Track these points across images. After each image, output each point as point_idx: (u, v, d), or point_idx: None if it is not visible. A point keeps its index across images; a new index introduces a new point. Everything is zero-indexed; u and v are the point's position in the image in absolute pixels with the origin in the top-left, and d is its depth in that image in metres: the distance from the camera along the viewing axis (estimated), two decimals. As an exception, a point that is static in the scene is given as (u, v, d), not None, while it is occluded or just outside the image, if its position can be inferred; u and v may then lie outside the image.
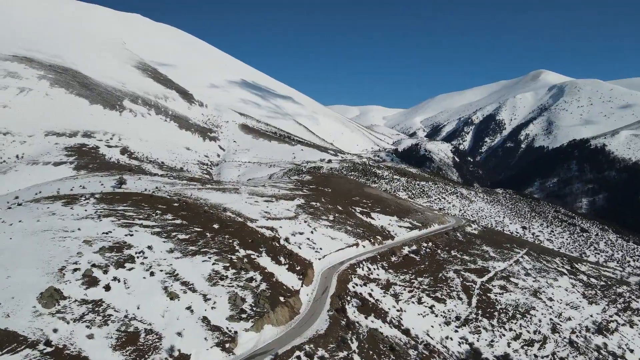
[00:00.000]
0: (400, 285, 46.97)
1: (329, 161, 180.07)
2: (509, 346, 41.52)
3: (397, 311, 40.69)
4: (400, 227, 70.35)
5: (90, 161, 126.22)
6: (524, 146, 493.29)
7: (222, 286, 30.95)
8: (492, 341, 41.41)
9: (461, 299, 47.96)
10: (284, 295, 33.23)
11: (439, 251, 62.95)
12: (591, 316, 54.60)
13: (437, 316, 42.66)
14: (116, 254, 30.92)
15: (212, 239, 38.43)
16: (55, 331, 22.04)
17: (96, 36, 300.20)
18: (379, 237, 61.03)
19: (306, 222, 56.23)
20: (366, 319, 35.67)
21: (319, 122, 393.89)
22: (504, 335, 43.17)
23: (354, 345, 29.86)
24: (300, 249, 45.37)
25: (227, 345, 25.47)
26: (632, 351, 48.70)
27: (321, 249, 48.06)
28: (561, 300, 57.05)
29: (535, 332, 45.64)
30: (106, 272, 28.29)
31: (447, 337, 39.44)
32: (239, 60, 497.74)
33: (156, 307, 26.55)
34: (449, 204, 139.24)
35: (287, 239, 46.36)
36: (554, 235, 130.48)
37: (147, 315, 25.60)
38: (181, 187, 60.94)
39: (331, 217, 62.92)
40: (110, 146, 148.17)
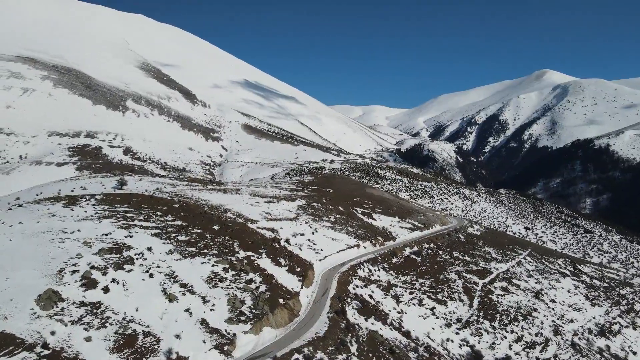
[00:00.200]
0: (401, 286, 46.77)
1: (331, 161, 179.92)
2: (511, 348, 41.28)
3: (398, 313, 40.51)
4: (401, 228, 70.11)
5: (93, 161, 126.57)
6: (527, 146, 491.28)
7: (221, 288, 30.85)
8: (494, 343, 41.18)
9: (462, 300, 47.71)
10: (283, 297, 33.11)
11: (440, 252, 62.68)
12: (594, 318, 54.24)
13: (438, 318, 42.46)
14: (115, 256, 30.89)
15: (212, 240, 38.35)
16: (52, 334, 21.98)
17: (99, 37, 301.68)
18: (380, 238, 60.83)
19: (307, 223, 56.10)
20: (366, 321, 35.50)
21: (322, 122, 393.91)
22: (506, 337, 42.91)
23: (354, 347, 29.70)
24: (300, 250, 45.25)
25: (226, 347, 25.37)
26: (635, 353, 48.34)
27: (322, 250, 47.92)
28: (564, 302, 56.69)
29: (537, 335, 45.35)
30: (105, 273, 28.24)
31: (448, 340, 39.26)
32: (241, 60, 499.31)
33: (155, 309, 26.48)
34: (452, 204, 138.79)
35: (287, 240, 46.25)
36: (557, 236, 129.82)
37: (145, 317, 25.53)
38: (182, 188, 60.95)
39: (332, 218, 62.78)
40: (113, 146, 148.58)
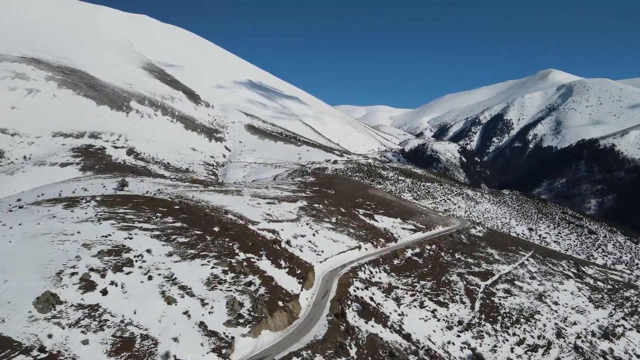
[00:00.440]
0: (402, 288, 46.54)
1: (334, 162, 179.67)
2: (512, 351, 40.99)
3: (399, 315, 40.28)
4: (403, 229, 69.86)
5: (96, 162, 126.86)
6: (532, 146, 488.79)
7: (221, 290, 30.75)
8: (495, 346, 40.89)
9: (464, 303, 47.43)
10: (283, 299, 32.97)
11: (442, 254, 62.37)
12: (597, 320, 53.79)
13: (439, 320, 42.20)
14: (115, 258, 30.88)
15: (212, 242, 38.28)
16: (50, 337, 21.96)
17: (103, 37, 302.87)
18: (381, 239, 60.61)
19: (308, 224, 55.95)
20: (366, 323, 35.30)
21: (326, 122, 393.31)
22: (507, 340, 42.61)
23: (353, 351, 29.53)
24: (301, 251, 45.11)
25: (224, 351, 25.25)
26: (638, 357, 47.88)
27: (323, 251, 47.76)
28: (567, 304, 56.27)
29: (539, 337, 45.01)
30: (104, 276, 28.22)
31: (449, 342, 39.00)
32: (245, 60, 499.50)
33: (153, 312, 26.41)
34: (455, 205, 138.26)
35: (288, 242, 46.12)
36: (561, 237, 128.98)
37: (143, 320, 25.47)
38: (183, 189, 60.96)
39: (334, 220, 62.59)
40: (116, 147, 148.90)
